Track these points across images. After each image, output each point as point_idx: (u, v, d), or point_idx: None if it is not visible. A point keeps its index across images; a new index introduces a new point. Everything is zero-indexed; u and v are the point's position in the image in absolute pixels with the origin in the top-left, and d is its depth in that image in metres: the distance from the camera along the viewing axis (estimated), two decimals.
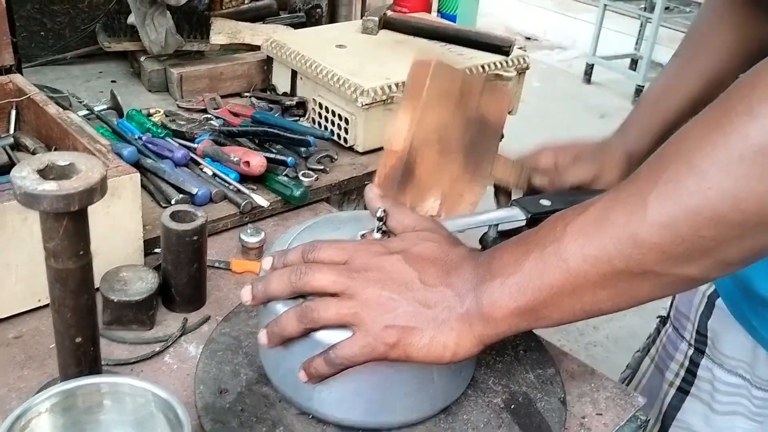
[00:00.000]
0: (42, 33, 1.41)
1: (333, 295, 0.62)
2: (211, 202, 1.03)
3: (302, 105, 1.27)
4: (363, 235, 0.70)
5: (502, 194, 0.90)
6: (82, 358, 0.66)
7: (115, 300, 0.80)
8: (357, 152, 1.20)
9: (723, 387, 0.90)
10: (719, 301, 0.88)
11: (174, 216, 0.82)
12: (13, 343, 0.80)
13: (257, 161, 1.05)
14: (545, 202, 0.81)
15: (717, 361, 0.90)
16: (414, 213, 0.69)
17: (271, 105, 1.29)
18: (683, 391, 0.95)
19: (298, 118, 1.26)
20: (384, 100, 1.16)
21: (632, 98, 4.48)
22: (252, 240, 0.94)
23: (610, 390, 0.81)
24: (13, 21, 1.20)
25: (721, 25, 0.90)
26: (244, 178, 1.07)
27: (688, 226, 0.50)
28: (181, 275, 0.84)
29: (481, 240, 0.80)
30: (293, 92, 1.30)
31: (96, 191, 0.58)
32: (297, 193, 1.04)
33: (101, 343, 0.81)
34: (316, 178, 1.10)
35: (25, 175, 0.57)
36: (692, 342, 0.92)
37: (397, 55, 1.30)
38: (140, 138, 1.12)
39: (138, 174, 0.85)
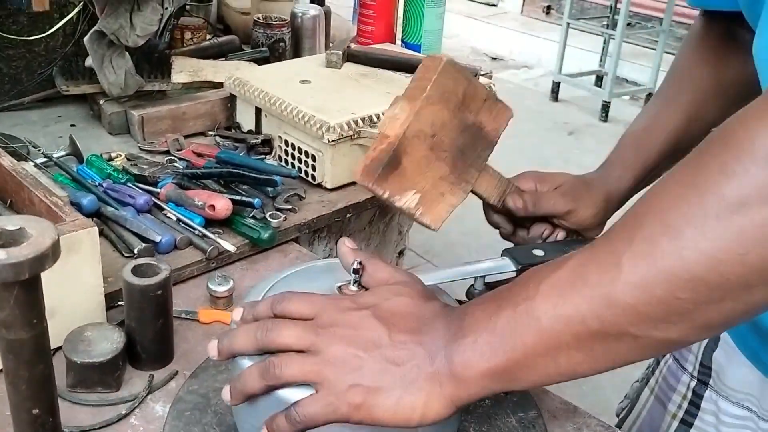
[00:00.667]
0: None
1: (300, 351, 0.60)
2: (176, 249, 1.00)
3: (268, 142, 1.24)
4: (340, 288, 0.67)
5: (489, 208, 0.90)
6: (40, 430, 0.62)
7: (79, 362, 0.77)
8: (326, 189, 1.18)
9: (728, 419, 0.87)
10: (725, 334, 0.86)
11: (136, 270, 0.79)
12: None
13: (222, 205, 1.02)
14: (538, 253, 0.78)
15: (722, 393, 0.87)
16: (388, 266, 0.67)
17: (236, 144, 1.26)
18: (686, 424, 0.92)
19: (264, 156, 1.24)
20: (351, 135, 1.14)
21: (599, 114, 4.52)
22: (220, 289, 0.91)
23: (593, 428, 0.79)
24: None
25: (699, 63, 0.90)
26: (209, 223, 1.04)
27: (663, 288, 0.49)
28: (147, 332, 0.81)
29: (468, 293, 0.78)
30: (258, 130, 1.28)
31: (47, 257, 0.55)
32: (265, 235, 1.01)
33: (63, 406, 0.78)
34: (284, 219, 1.07)
35: None
36: (695, 374, 0.90)
37: (362, 89, 1.28)
38: (101, 185, 1.08)
39: (96, 228, 0.82)
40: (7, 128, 1.29)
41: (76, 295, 0.83)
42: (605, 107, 4.53)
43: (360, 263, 0.66)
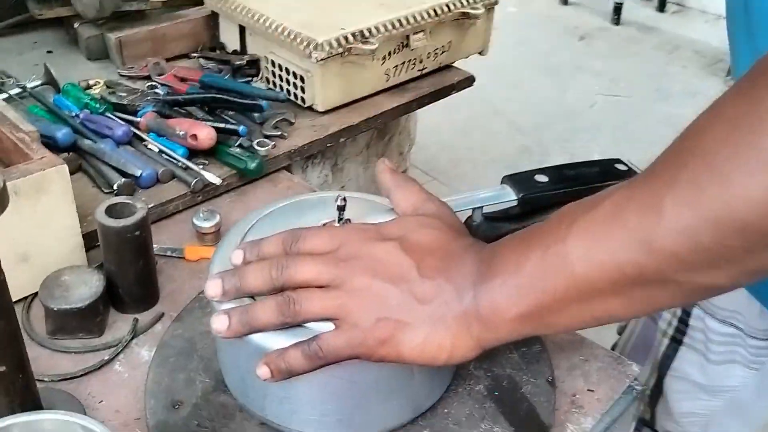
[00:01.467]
0: None
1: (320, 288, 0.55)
2: (158, 182, 0.94)
3: (254, 63, 1.17)
4: (324, 225, 0.62)
5: None
6: (10, 388, 0.59)
7: (56, 309, 0.73)
8: (317, 112, 1.11)
9: (716, 337, 0.86)
10: None
11: (110, 211, 0.74)
12: None
13: (205, 134, 0.95)
14: (540, 179, 0.72)
15: (709, 311, 0.85)
16: (420, 191, 0.62)
17: (221, 66, 1.19)
18: (677, 341, 0.90)
19: (251, 78, 1.17)
20: (341, 53, 1.07)
21: (611, 17, 4.35)
22: (206, 224, 0.86)
23: (601, 360, 0.75)
24: None
25: None
26: (193, 153, 0.98)
27: (710, 235, 0.44)
28: (127, 275, 0.76)
29: (466, 225, 0.72)
30: (243, 50, 1.20)
31: None
32: (252, 165, 0.96)
33: (44, 354, 0.75)
34: (273, 146, 1.01)
35: None
36: None
37: (352, 1, 1.19)
38: (77, 116, 1.02)
39: (65, 166, 0.76)
40: None
41: (50, 238, 0.78)
42: (617, 9, 4.35)
43: (344, 199, 0.60)
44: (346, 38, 1.06)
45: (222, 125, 0.99)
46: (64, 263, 0.78)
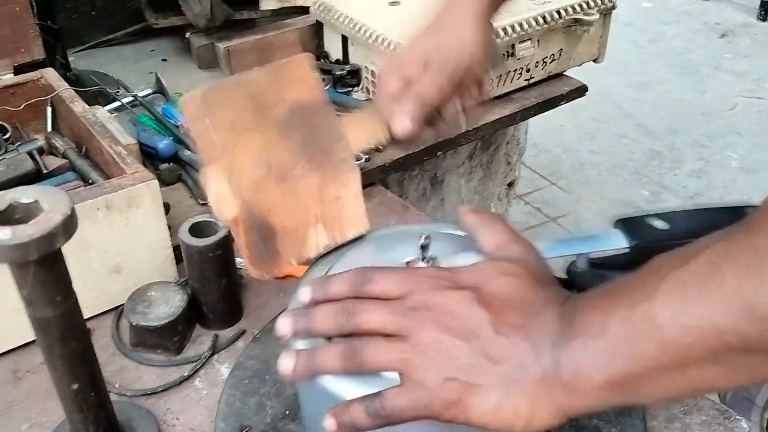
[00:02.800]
0: (93, 13, 1.36)
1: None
2: None
3: (356, 73, 1.15)
4: (408, 263, 0.58)
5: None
6: (83, 405, 0.60)
7: (135, 324, 0.74)
8: None
9: None
10: None
11: (194, 229, 0.74)
12: (39, 369, 0.76)
13: None
14: (659, 225, 0.63)
15: None
16: (508, 230, 0.57)
17: (323, 75, 1.18)
18: None
19: (351, 88, 1.15)
20: None
21: (757, 12, 4.03)
22: None
23: (705, 412, 0.67)
24: (51, 8, 1.15)
25: None
26: None
27: None
28: (210, 292, 0.77)
29: (569, 271, 0.66)
30: (346, 59, 1.19)
31: (57, 236, 0.50)
32: None
33: (130, 365, 0.76)
34: (368, 159, 0.99)
35: None
36: None
37: None
38: (182, 126, 1.04)
39: (156, 181, 0.77)
40: (101, 65, 1.28)
41: (141, 251, 0.80)
42: (764, 4, 4.02)
43: (428, 237, 0.56)
44: None
45: None
46: (155, 275, 0.80)
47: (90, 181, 0.86)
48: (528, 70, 1.14)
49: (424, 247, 0.56)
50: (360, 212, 0.62)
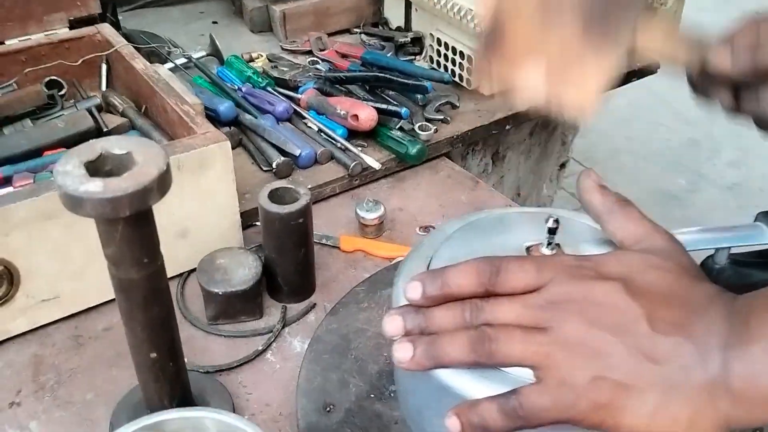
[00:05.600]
0: None
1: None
2: (316, 163, 0.91)
3: (418, 41, 1.10)
4: (528, 249, 0.52)
5: (697, 76, 0.59)
6: (160, 374, 0.56)
7: (220, 293, 0.70)
8: (482, 96, 1.03)
9: None
10: None
11: (273, 195, 0.70)
12: (102, 336, 0.72)
13: (367, 114, 0.90)
14: None
15: None
16: (644, 220, 0.50)
17: (383, 43, 1.13)
18: None
19: (413, 57, 1.10)
20: None
21: None
22: (370, 216, 0.81)
23: None
24: None
25: None
26: (352, 134, 0.93)
27: None
28: (286, 263, 0.73)
29: (705, 266, 0.61)
30: (408, 26, 1.14)
31: (151, 192, 0.46)
32: (413, 150, 0.90)
33: (198, 336, 0.73)
34: (435, 130, 0.95)
35: (69, 169, 0.46)
36: None
37: None
38: (240, 89, 1.00)
39: (228, 143, 0.73)
40: (150, 25, 1.23)
41: (210, 215, 0.76)
42: None
43: (556, 221, 0.50)
44: None
45: (384, 106, 0.93)
46: (222, 242, 0.76)
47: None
48: None
49: (552, 231, 0.50)
50: (591, 90, 0.54)
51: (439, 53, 1.06)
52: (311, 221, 0.72)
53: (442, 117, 0.97)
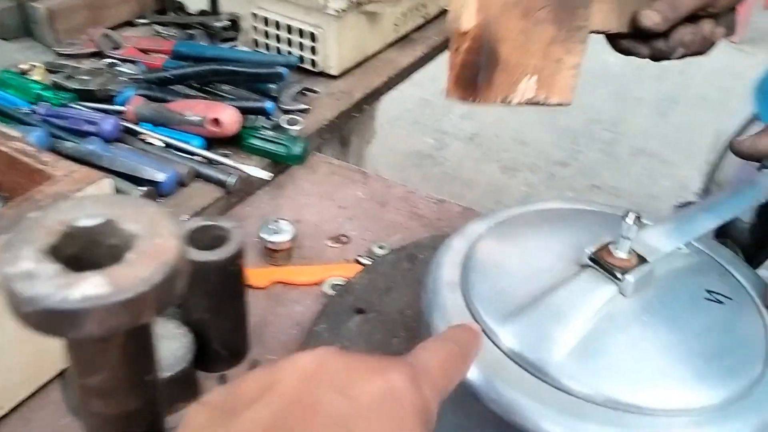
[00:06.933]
0: None
1: None
2: (180, 186, 0.72)
3: (234, 24, 0.94)
4: (593, 257, 0.44)
5: (614, 38, 0.63)
6: None
7: None
8: (330, 77, 0.91)
9: None
10: None
11: (192, 240, 0.52)
12: None
13: (229, 117, 0.74)
14: None
15: None
16: None
17: (190, 32, 0.95)
18: None
19: (232, 42, 0.94)
20: (359, 1, 0.87)
21: None
22: (278, 238, 0.66)
23: None
24: None
25: None
26: (210, 143, 0.76)
27: None
28: (223, 323, 0.56)
29: (726, 233, 0.55)
30: (215, 9, 0.96)
31: (179, 275, 0.28)
32: (297, 150, 0.75)
33: None
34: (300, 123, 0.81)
35: (30, 268, 0.27)
36: None
37: None
38: (34, 112, 0.76)
39: (110, 179, 0.54)
40: None
41: None
42: None
43: (638, 217, 0.42)
44: None
45: (246, 104, 0.77)
46: None
47: None
48: (424, 6, 1.02)
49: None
50: (571, 84, 0.58)
51: (266, 35, 0.92)
52: (244, 263, 0.55)
53: (303, 107, 0.83)
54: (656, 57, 0.65)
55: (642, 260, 0.43)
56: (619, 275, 0.42)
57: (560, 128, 2.68)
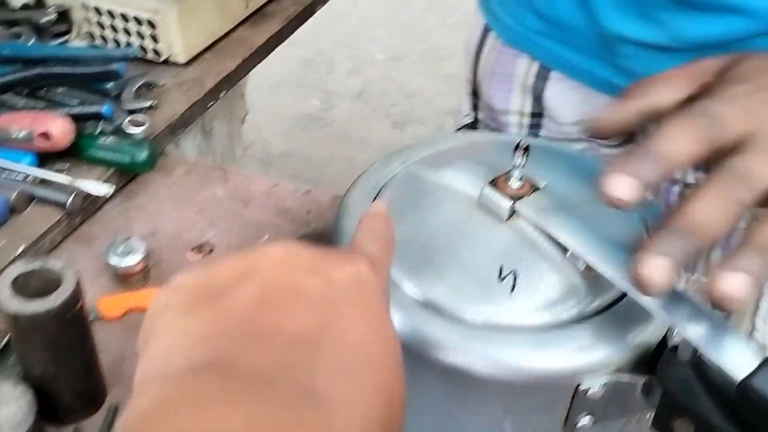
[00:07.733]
0: None
1: None
2: (12, 214, 0.64)
3: (64, 16, 0.85)
4: (494, 182, 0.42)
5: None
6: None
7: None
8: (177, 65, 0.84)
9: None
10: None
11: (19, 287, 0.46)
12: None
13: (60, 128, 0.66)
14: None
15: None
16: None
17: (14, 30, 0.85)
18: None
19: (64, 38, 0.85)
20: None
21: None
22: (131, 261, 0.59)
23: None
24: None
25: None
26: (44, 158, 0.68)
27: None
28: (71, 373, 0.50)
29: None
30: (40, 1, 0.86)
31: None
32: (143, 155, 0.68)
33: None
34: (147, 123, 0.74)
35: None
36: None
37: None
38: None
39: None
40: None
41: None
42: None
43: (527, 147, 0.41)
44: None
45: (78, 110, 0.69)
46: None
47: None
48: None
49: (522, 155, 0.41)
50: None
51: (101, 26, 0.83)
52: (84, 303, 0.49)
53: (148, 104, 0.76)
54: None
55: (535, 188, 0.42)
56: (512, 205, 0.41)
57: (445, 76, 2.67)
